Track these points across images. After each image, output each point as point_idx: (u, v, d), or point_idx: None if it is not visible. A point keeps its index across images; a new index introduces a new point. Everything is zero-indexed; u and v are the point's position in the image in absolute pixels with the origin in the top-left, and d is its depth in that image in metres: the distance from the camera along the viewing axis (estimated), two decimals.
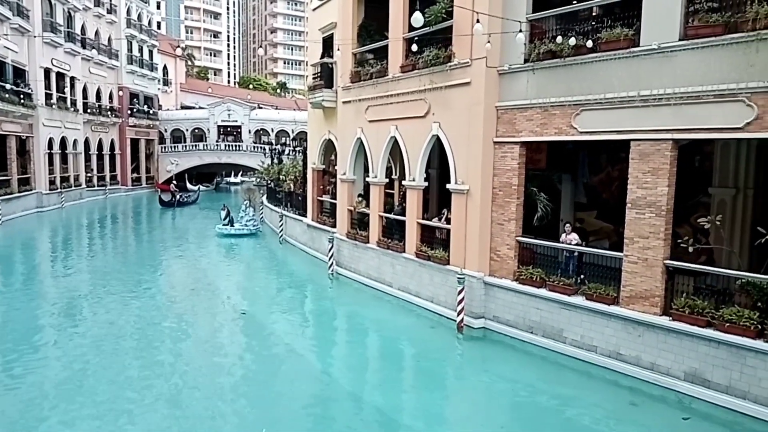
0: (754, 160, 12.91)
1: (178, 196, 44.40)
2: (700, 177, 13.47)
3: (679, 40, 10.55)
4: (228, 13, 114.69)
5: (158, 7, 74.70)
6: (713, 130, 10.37)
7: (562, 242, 13.44)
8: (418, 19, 10.99)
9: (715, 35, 10.06)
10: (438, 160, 18.54)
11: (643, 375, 11.14)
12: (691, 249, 11.15)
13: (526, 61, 13.33)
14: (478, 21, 12.17)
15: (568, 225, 13.89)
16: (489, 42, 13.15)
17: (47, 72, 39.42)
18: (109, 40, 49.81)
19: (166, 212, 41.06)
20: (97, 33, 47.88)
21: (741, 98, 9.76)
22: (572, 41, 12.14)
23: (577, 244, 13.19)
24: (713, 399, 10.14)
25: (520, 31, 12.60)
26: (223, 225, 29.56)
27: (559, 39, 12.40)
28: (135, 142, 54.67)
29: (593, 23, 12.48)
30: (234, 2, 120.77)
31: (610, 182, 15.26)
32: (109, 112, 50.26)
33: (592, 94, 11.96)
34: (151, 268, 22.39)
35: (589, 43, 11.98)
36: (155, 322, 15.09)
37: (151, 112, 57.23)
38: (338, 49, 17.30)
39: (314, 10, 24.17)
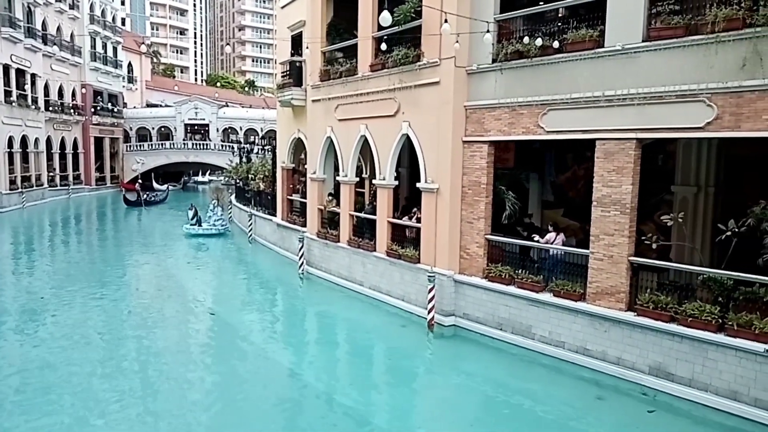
0: (714, 158, 13.29)
1: (144, 196, 43.66)
2: (663, 175, 13.81)
3: (643, 41, 10.79)
4: (195, 10, 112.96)
5: (123, 3, 73.09)
6: (675, 129, 10.63)
7: (545, 242, 13.43)
8: (386, 18, 11.00)
9: (677, 37, 10.32)
10: (408, 159, 18.60)
11: (609, 369, 11.37)
12: (654, 246, 11.42)
13: (494, 61, 13.46)
14: (446, 21, 12.24)
15: (551, 226, 13.91)
16: (458, 42, 13.24)
17: (6, 68, 38.29)
18: (72, 36, 48.57)
19: (133, 212, 40.28)
20: (59, 29, 46.63)
21: (702, 98, 10.03)
22: (539, 42, 12.31)
23: (563, 244, 13.16)
24: (677, 392, 10.40)
25: (488, 31, 12.71)
26: (191, 225, 29.15)
27: (526, 39, 12.56)
28: (99, 141, 53.48)
29: (559, 24, 12.66)
30: None
31: (577, 181, 15.53)
32: (71, 110, 49.02)
33: (559, 94, 12.15)
34: (115, 270, 21.92)
35: (556, 44, 12.16)
36: (120, 325, 14.80)
37: (115, 110, 56.00)
38: (307, 48, 17.21)
39: (283, 7, 23.99)
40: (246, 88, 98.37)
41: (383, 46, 15.28)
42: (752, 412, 9.49)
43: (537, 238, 13.64)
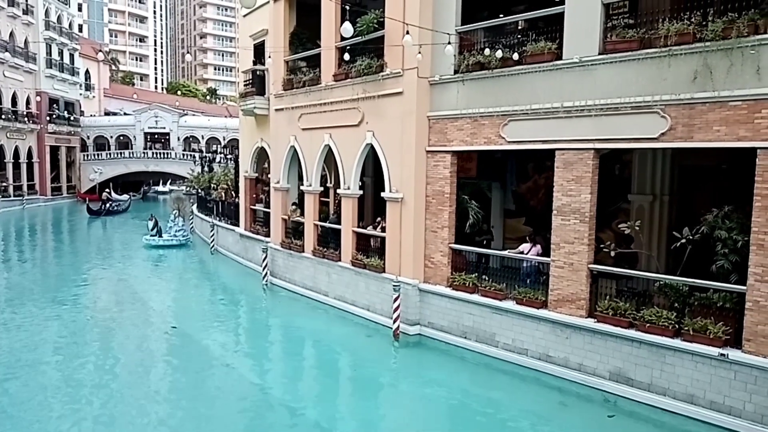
0: (668, 168, 13.70)
1: (107, 205, 43.23)
2: (621, 184, 14.16)
3: (599, 54, 11.07)
4: (155, 17, 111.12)
5: (80, 10, 71.32)
6: (631, 139, 10.92)
7: (521, 252, 13.45)
8: (347, 29, 11.04)
9: (632, 50, 10.62)
10: (372, 169, 18.63)
11: (571, 376, 11.55)
12: (613, 253, 11.69)
13: (456, 72, 13.63)
14: (407, 33, 12.33)
15: (529, 237, 13.97)
16: (420, 53, 13.35)
17: None
18: (26, 42, 47.19)
19: (91, 222, 39.25)
20: (11, 35, 45.30)
21: (656, 110, 10.34)
22: (499, 54, 12.51)
23: (537, 254, 13.15)
24: (637, 397, 10.62)
25: (449, 43, 12.86)
26: (151, 236, 28.54)
27: (487, 51, 12.75)
28: (55, 150, 52.04)
29: (519, 36, 12.90)
30: (161, 6, 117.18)
31: (537, 190, 15.81)
32: (26, 118, 47.63)
33: (519, 105, 12.36)
34: (71, 283, 21.25)
35: (516, 56, 12.38)
36: (77, 340, 14.36)
37: (72, 118, 54.61)
38: (269, 57, 17.10)
39: (245, 16, 23.82)
40: (208, 97, 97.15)
41: (347, 56, 15.30)
42: (708, 415, 9.76)
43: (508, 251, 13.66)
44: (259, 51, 21.86)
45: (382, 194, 15.32)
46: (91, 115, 60.91)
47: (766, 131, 9.15)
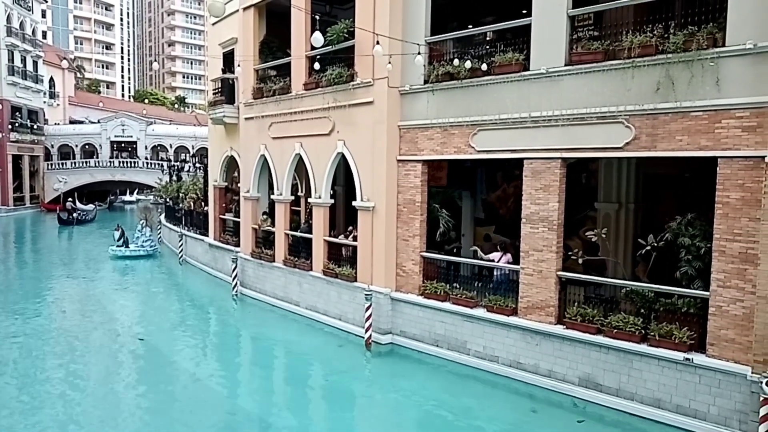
0: (634, 177, 14.01)
1: (75, 214, 43.11)
2: (587, 193, 14.42)
3: (565, 65, 11.29)
4: (122, 25, 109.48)
5: (44, 16, 69.99)
6: (597, 149, 11.14)
7: (490, 260, 13.48)
8: (318, 39, 11.05)
9: (597, 61, 10.85)
10: (344, 177, 18.62)
11: (541, 382, 11.67)
12: (581, 261, 11.88)
13: (426, 82, 13.74)
14: (378, 43, 12.40)
15: (500, 247, 13.92)
16: (390, 63, 13.43)
17: None
18: None
19: (56, 232, 38.33)
20: None
21: (621, 120, 10.57)
22: (468, 64, 12.66)
23: (508, 262, 13.21)
24: (605, 402, 10.78)
25: (419, 53, 12.97)
26: (117, 246, 27.97)
27: (456, 62, 12.90)
28: (17, 159, 50.67)
29: (488, 47, 13.09)
30: (128, 13, 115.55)
31: (507, 198, 15.99)
32: None
33: (488, 114, 12.52)
34: (33, 296, 20.66)
35: (484, 66, 12.54)
36: (41, 354, 13.96)
37: (35, 126, 53.30)
38: (239, 66, 16.99)
39: (214, 24, 23.63)
40: (176, 105, 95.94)
41: (317, 65, 15.29)
42: (675, 419, 9.96)
43: (480, 254, 13.73)
44: (229, 59, 21.70)
45: (354, 203, 15.31)
46: (55, 124, 59.60)
47: (726, 141, 9.44)
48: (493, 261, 13.42)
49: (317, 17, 11.87)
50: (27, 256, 32.16)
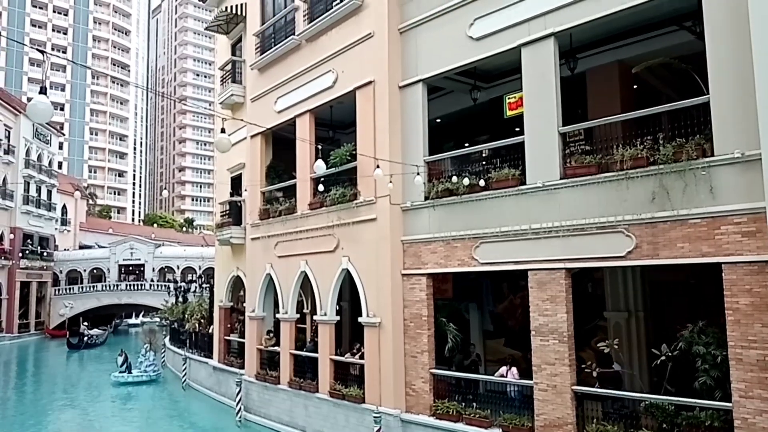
0: (640, 284, 13.92)
1: (86, 338, 43.72)
2: (595, 302, 14.27)
3: (560, 178, 11.61)
4: (135, 153, 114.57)
5: (61, 147, 73.41)
6: (600, 258, 11.16)
7: (501, 375, 13.17)
8: (320, 167, 11.58)
9: (591, 174, 11.18)
10: (349, 293, 18.55)
11: None
12: (595, 374, 11.51)
13: (426, 198, 14.10)
14: (378, 166, 12.90)
15: (509, 362, 13.75)
16: (391, 182, 13.87)
17: None
18: (5, 180, 47.75)
19: (57, 359, 37.69)
20: None
21: (620, 229, 10.70)
22: (466, 181, 13.05)
23: (514, 377, 12.87)
24: None
25: (418, 173, 13.46)
26: (120, 372, 27.37)
27: (454, 179, 13.32)
28: (26, 285, 50.88)
29: (484, 163, 13.57)
30: (141, 142, 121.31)
31: (514, 310, 15.80)
32: None
33: (489, 227, 12.71)
34: (29, 426, 19.87)
35: (482, 182, 12.93)
36: None
37: (45, 253, 54.07)
38: (245, 190, 17.55)
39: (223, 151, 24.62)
40: (185, 228, 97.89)
41: (321, 187, 15.81)
42: None
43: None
44: (236, 182, 22.46)
45: (360, 319, 15.14)
46: (65, 249, 60.51)
47: (727, 246, 9.48)
48: (503, 376, 13.01)
49: (320, 147, 12.51)
50: (28, 384, 31.31)
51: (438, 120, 16.07)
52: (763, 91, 8.91)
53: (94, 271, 58.18)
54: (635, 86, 13.51)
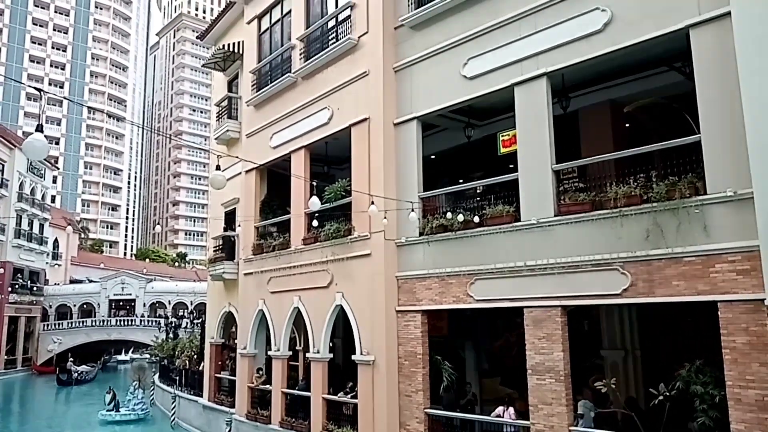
0: (636, 322, 13.84)
1: (75, 375, 43.39)
2: (592, 340, 14.14)
3: (555, 215, 11.61)
4: (128, 187, 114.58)
5: (54, 181, 73.46)
6: (595, 296, 11.09)
7: (498, 416, 12.87)
8: (314, 203, 11.64)
9: (585, 211, 11.19)
10: (342, 330, 18.32)
11: None
12: (593, 414, 11.32)
13: (421, 234, 14.06)
14: (372, 203, 12.91)
15: (506, 401, 13.49)
16: (386, 218, 13.86)
17: None
18: None
19: (44, 397, 36.89)
20: None
21: (615, 267, 10.66)
22: (461, 217, 13.06)
23: (510, 417, 12.58)
24: None
25: (412, 210, 13.46)
26: (107, 410, 26.79)
27: (449, 215, 13.33)
28: (14, 320, 50.06)
29: (479, 200, 13.59)
30: (135, 176, 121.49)
31: (510, 348, 15.59)
32: None
33: (484, 264, 12.65)
34: None
35: (476, 219, 12.93)
36: None
37: (35, 288, 53.40)
38: (239, 225, 17.50)
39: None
40: (177, 262, 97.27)
41: (315, 222, 15.77)
42: None
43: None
44: (230, 217, 22.39)
45: (353, 357, 14.92)
46: (55, 284, 59.82)
47: (722, 285, 9.44)
48: (499, 416, 12.77)
49: (314, 183, 12.52)
50: (13, 423, 30.49)
51: (432, 156, 16.17)
52: (752, 130, 9.02)
53: (84, 306, 57.44)
54: (627, 124, 13.67)
